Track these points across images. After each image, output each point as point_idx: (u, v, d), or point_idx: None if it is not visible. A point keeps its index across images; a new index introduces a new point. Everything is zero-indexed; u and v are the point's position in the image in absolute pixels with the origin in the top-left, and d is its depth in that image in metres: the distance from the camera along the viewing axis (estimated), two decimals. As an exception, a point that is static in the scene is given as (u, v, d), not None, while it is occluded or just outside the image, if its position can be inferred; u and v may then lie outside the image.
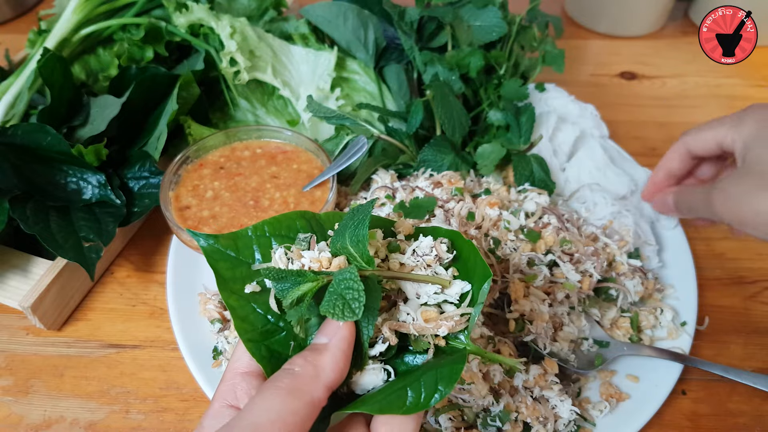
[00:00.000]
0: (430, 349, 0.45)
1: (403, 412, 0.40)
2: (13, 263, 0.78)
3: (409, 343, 0.46)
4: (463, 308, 0.46)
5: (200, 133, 0.93)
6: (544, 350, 0.70)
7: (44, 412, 0.74)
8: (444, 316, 0.45)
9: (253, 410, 0.38)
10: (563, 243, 0.76)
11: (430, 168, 0.87)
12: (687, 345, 0.75)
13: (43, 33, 1.03)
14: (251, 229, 0.50)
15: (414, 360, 0.46)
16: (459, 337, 0.46)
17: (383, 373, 0.44)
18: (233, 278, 0.48)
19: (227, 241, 0.50)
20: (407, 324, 0.45)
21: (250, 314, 0.46)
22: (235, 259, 0.49)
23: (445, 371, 0.42)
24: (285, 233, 0.50)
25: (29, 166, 0.81)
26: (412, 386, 0.42)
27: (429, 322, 0.44)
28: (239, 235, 0.50)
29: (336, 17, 0.99)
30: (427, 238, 0.50)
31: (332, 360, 0.41)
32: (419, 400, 0.41)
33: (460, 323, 0.45)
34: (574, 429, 0.67)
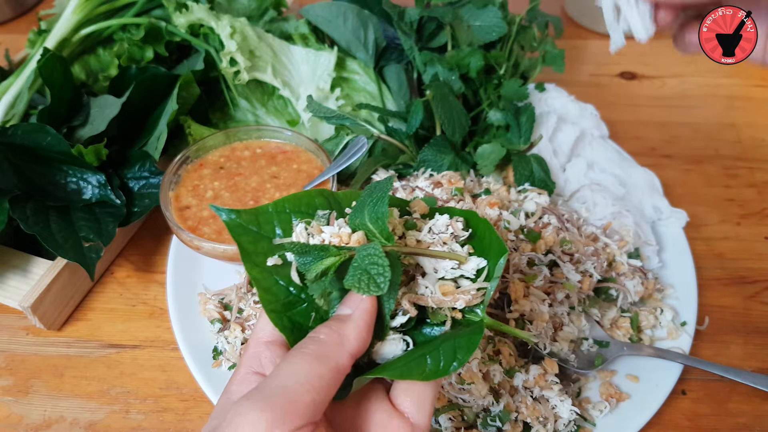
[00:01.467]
0: (447, 321, 0.47)
1: (422, 378, 0.42)
2: (13, 263, 0.78)
3: (426, 316, 0.47)
4: (480, 282, 0.47)
5: (200, 133, 0.93)
6: (544, 350, 0.70)
7: (44, 412, 0.74)
8: (461, 290, 0.47)
9: (280, 374, 0.39)
10: (563, 243, 0.76)
11: (430, 168, 0.87)
12: (687, 345, 0.75)
13: (43, 33, 1.03)
14: (272, 206, 0.51)
15: (432, 331, 0.47)
16: (475, 311, 0.47)
17: (402, 343, 0.46)
18: (255, 251, 0.49)
19: (249, 217, 0.51)
20: (426, 297, 0.46)
21: (272, 286, 0.47)
22: (256, 233, 0.50)
23: (464, 341, 0.44)
24: (304, 210, 0.52)
25: (29, 166, 0.81)
26: (432, 354, 0.43)
27: (447, 295, 0.46)
28: (260, 210, 0.51)
29: (336, 17, 0.99)
30: (443, 216, 0.51)
31: (356, 329, 0.42)
32: (438, 367, 0.42)
33: (476, 297, 0.47)
34: (574, 429, 0.67)
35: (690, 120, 1.16)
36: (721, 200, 1.00)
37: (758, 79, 1.26)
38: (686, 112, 1.19)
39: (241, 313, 0.77)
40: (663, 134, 1.13)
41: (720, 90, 1.24)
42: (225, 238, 0.78)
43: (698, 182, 1.03)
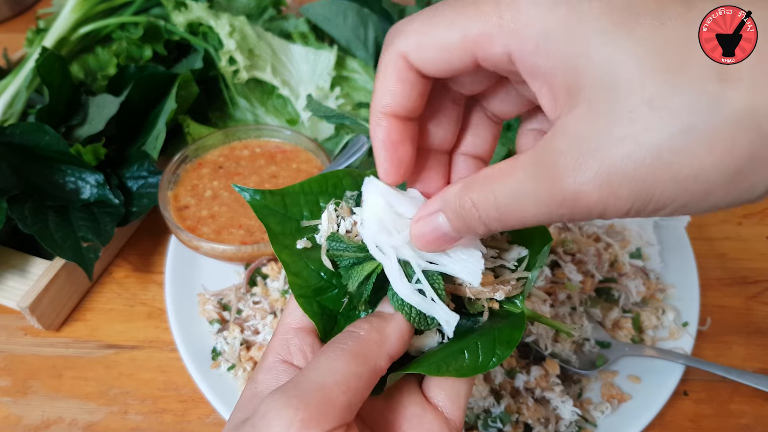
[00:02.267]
0: (485, 312, 0.44)
1: (460, 374, 0.40)
2: (11, 263, 0.78)
3: (463, 306, 0.45)
4: (520, 272, 0.45)
5: (199, 133, 0.93)
6: (546, 351, 0.70)
7: (42, 413, 0.73)
8: (500, 279, 0.44)
9: (319, 369, 0.36)
10: (565, 243, 0.76)
11: (431, 167, 0.86)
12: (689, 345, 0.75)
13: (42, 32, 1.02)
14: (298, 186, 0.50)
15: (468, 322, 0.45)
16: (514, 301, 0.45)
17: (438, 335, 0.44)
18: (283, 233, 0.48)
19: (275, 198, 0.49)
20: (464, 287, 0.43)
21: (303, 270, 0.45)
22: (283, 215, 0.49)
23: (504, 335, 0.42)
24: (332, 191, 0.50)
25: (27, 165, 0.80)
26: (469, 348, 0.41)
27: (486, 285, 0.43)
28: (287, 191, 0.50)
29: (336, 16, 0.99)
30: None
31: (397, 330, 0.40)
32: (477, 362, 0.40)
33: (516, 287, 0.44)
34: (576, 430, 0.67)
35: (691, 119, 1.16)
36: (723, 200, 0.99)
37: (760, 78, 1.26)
38: (687, 111, 1.19)
39: (240, 314, 0.77)
40: (664, 133, 1.13)
41: (721, 89, 1.24)
42: (224, 238, 0.77)
43: (700, 182, 1.03)
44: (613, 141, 0.27)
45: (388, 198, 0.42)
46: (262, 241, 0.76)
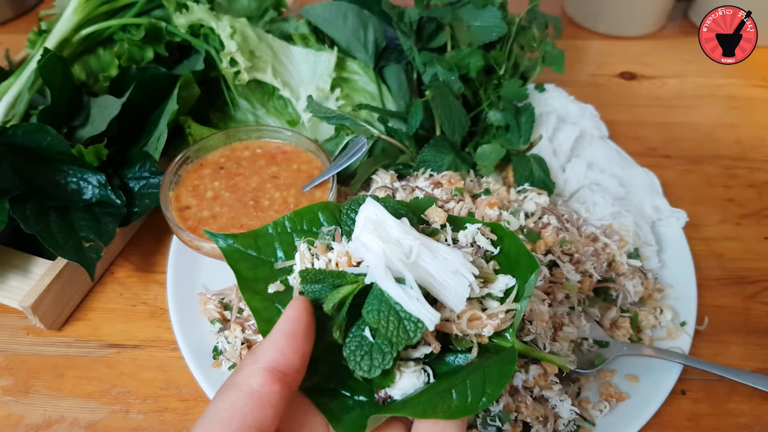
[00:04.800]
0: (474, 348, 0.42)
1: (447, 416, 0.38)
2: (13, 263, 0.79)
3: (450, 342, 0.43)
4: (508, 304, 0.43)
5: (200, 133, 0.93)
6: (544, 350, 0.70)
7: (44, 412, 0.74)
8: (488, 313, 0.42)
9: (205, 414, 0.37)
10: (563, 243, 0.76)
11: (430, 168, 0.87)
12: (687, 345, 0.75)
13: (44, 33, 1.03)
14: (271, 226, 0.48)
15: (456, 360, 0.43)
16: (504, 335, 0.43)
17: (423, 375, 0.41)
18: (255, 278, 0.46)
19: (247, 240, 0.48)
20: (451, 323, 0.42)
21: (274, 316, 0.43)
22: (256, 258, 0.47)
23: (494, 372, 0.39)
24: (308, 227, 0.48)
25: (29, 166, 0.81)
26: (457, 388, 0.39)
27: (473, 321, 0.42)
28: (259, 233, 0.48)
29: (336, 17, 0.99)
30: (472, 227, 0.46)
31: (269, 341, 0.38)
32: (465, 403, 0.38)
33: (505, 321, 0.42)
34: (574, 429, 0.67)
35: (690, 120, 1.16)
36: (721, 200, 1.00)
37: (758, 79, 1.26)
38: (686, 112, 1.19)
39: (241, 313, 0.77)
40: (663, 134, 1.13)
41: (720, 90, 1.24)
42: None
43: (698, 182, 1.03)
44: None
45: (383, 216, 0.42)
46: (262, 241, 0.77)
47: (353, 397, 0.42)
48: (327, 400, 0.41)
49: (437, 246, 0.42)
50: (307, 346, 0.39)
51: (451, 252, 0.42)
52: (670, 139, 1.12)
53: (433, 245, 0.42)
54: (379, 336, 0.39)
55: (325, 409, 0.40)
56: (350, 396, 0.42)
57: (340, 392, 0.42)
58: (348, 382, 0.43)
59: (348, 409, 0.41)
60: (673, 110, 1.19)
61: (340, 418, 0.40)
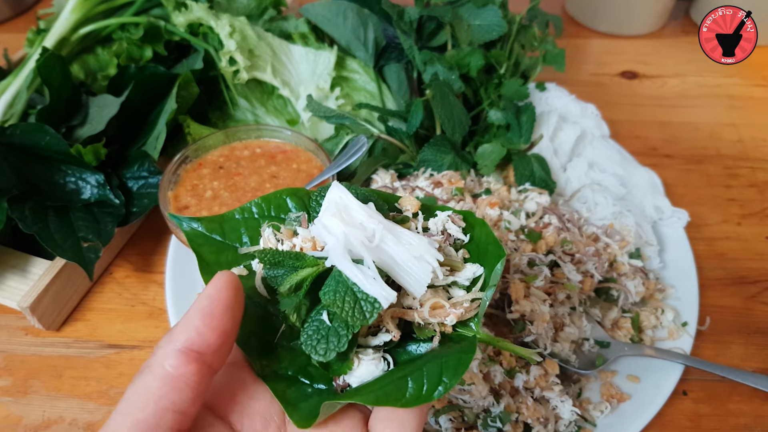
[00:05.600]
0: (435, 336, 0.41)
1: (401, 404, 0.37)
2: (11, 263, 0.78)
3: (412, 330, 0.42)
4: (474, 293, 0.42)
5: (199, 133, 0.93)
6: (545, 351, 0.70)
7: (43, 413, 0.73)
8: (453, 302, 0.41)
9: (122, 400, 0.36)
10: (564, 243, 0.76)
11: (430, 168, 0.86)
12: (688, 345, 0.75)
13: (42, 32, 1.03)
14: (238, 211, 0.47)
15: (417, 349, 0.42)
16: (469, 325, 0.42)
17: (383, 363, 0.40)
18: (218, 262, 0.45)
19: (212, 225, 0.47)
20: (413, 311, 0.41)
21: None
22: (221, 243, 0.46)
23: (452, 361, 0.38)
24: (275, 213, 0.47)
25: (28, 165, 0.81)
26: (414, 376, 0.38)
27: (436, 309, 0.41)
28: (225, 217, 0.47)
29: (335, 16, 0.99)
30: (443, 214, 0.46)
31: (184, 321, 0.37)
32: (420, 392, 0.37)
33: (470, 310, 0.41)
34: (575, 429, 0.67)
35: (691, 119, 1.16)
36: (722, 200, 1.00)
37: (759, 79, 1.26)
38: (687, 111, 1.19)
39: (241, 314, 0.77)
40: (664, 134, 1.13)
41: (720, 90, 1.24)
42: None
43: (699, 182, 1.03)
44: None
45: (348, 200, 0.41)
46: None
47: (312, 384, 0.41)
48: (285, 388, 0.40)
49: (402, 231, 0.41)
50: (228, 323, 0.37)
51: (416, 238, 0.41)
52: (671, 139, 1.12)
53: (397, 230, 0.41)
54: (336, 319, 0.39)
55: (282, 396, 0.39)
56: (309, 384, 0.41)
57: (298, 379, 0.42)
58: (307, 369, 0.42)
59: (306, 396, 0.40)
60: (674, 110, 1.19)
61: (296, 406, 0.39)
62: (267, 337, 0.43)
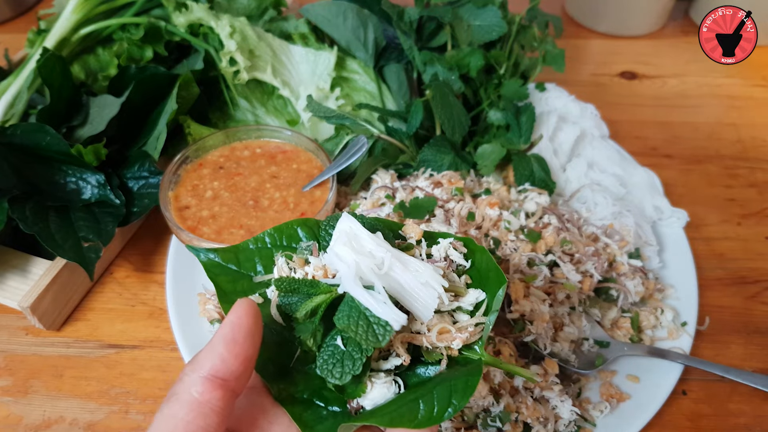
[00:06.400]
0: (443, 360, 0.44)
1: (414, 425, 0.39)
2: (12, 263, 0.78)
3: (420, 354, 0.45)
4: (478, 318, 0.44)
5: (200, 133, 0.93)
6: (545, 350, 0.70)
7: (44, 413, 0.73)
8: (458, 326, 0.44)
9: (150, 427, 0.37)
10: (564, 243, 0.76)
11: (430, 168, 0.86)
12: (687, 345, 0.75)
13: (43, 32, 1.03)
14: (252, 242, 0.50)
15: (426, 371, 0.44)
16: (473, 348, 0.44)
17: (394, 386, 0.43)
18: (234, 291, 0.48)
19: (228, 255, 0.49)
20: (421, 336, 0.43)
21: None
22: (236, 272, 0.49)
23: (460, 383, 0.41)
24: (287, 243, 0.50)
25: (29, 166, 0.81)
26: (425, 398, 0.40)
27: (443, 334, 0.43)
28: (240, 248, 0.50)
29: (336, 16, 0.99)
30: (445, 241, 0.48)
31: (209, 349, 0.39)
32: (432, 413, 0.39)
33: (474, 334, 0.44)
34: (575, 429, 0.67)
35: (690, 119, 1.16)
36: (722, 200, 1.00)
37: (758, 79, 1.26)
38: (687, 111, 1.19)
39: (241, 314, 0.77)
40: (663, 134, 1.13)
41: (720, 90, 1.24)
42: (224, 238, 0.78)
43: (699, 182, 1.03)
44: None
45: (358, 230, 0.43)
46: (262, 241, 0.76)
47: (327, 407, 0.43)
48: (301, 410, 0.42)
49: (409, 259, 0.43)
50: (250, 350, 0.39)
51: (422, 265, 0.43)
52: (670, 139, 1.12)
53: (404, 258, 0.43)
54: (350, 343, 0.41)
55: (299, 419, 0.41)
56: (324, 406, 0.43)
57: (314, 402, 0.44)
58: (322, 392, 0.44)
59: (322, 419, 0.42)
60: (673, 110, 1.19)
61: (313, 428, 0.41)
62: (283, 362, 0.45)
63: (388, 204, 0.80)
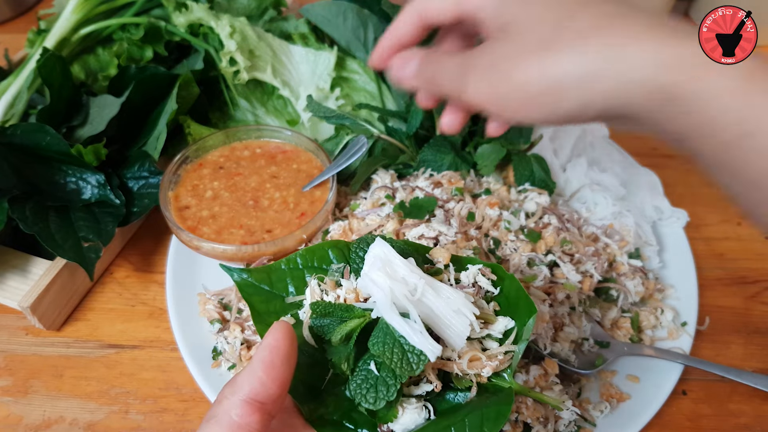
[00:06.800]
0: (473, 387, 0.44)
1: None
2: (12, 263, 0.78)
3: (450, 380, 0.45)
4: (507, 346, 0.45)
5: (200, 133, 0.93)
6: (545, 350, 0.70)
7: (44, 413, 0.73)
8: (488, 354, 0.44)
9: None
10: (564, 243, 0.76)
11: (430, 168, 0.86)
12: (687, 345, 0.75)
13: (43, 32, 1.03)
14: (284, 262, 0.51)
15: (455, 398, 0.45)
16: (502, 375, 0.45)
17: (425, 411, 0.43)
18: (267, 312, 0.48)
19: (261, 275, 0.50)
20: (452, 363, 0.44)
21: None
22: (269, 292, 0.50)
23: (491, 412, 0.41)
24: (318, 264, 0.50)
25: (28, 166, 0.81)
26: (456, 426, 0.41)
27: (474, 361, 0.44)
28: (272, 268, 0.51)
29: (335, 16, 0.99)
30: (474, 267, 0.48)
31: (248, 372, 0.39)
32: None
33: (504, 362, 0.44)
34: (575, 429, 0.67)
35: (690, 120, 1.16)
36: (722, 200, 1.00)
37: (759, 79, 1.26)
38: (687, 111, 1.19)
39: (241, 314, 0.77)
40: (663, 134, 1.13)
41: (720, 90, 1.24)
42: (224, 238, 0.78)
43: (699, 182, 1.03)
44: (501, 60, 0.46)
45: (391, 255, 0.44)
46: (262, 241, 0.76)
47: (357, 429, 0.44)
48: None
49: (441, 286, 0.44)
50: (287, 373, 0.40)
51: (453, 292, 0.44)
52: (670, 139, 1.12)
53: (436, 285, 0.44)
54: (384, 369, 0.41)
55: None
56: (354, 428, 0.44)
57: (344, 425, 0.44)
58: (352, 414, 0.44)
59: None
60: (673, 110, 1.19)
61: None
62: (314, 383, 0.45)
63: (388, 204, 0.80)
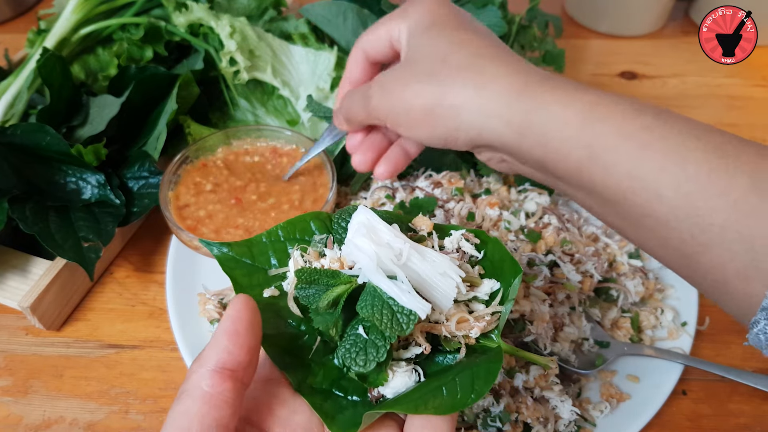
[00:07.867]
0: (461, 348, 0.44)
1: (439, 411, 0.39)
2: (12, 263, 0.78)
3: (438, 343, 0.45)
4: (494, 306, 0.45)
5: (200, 133, 0.93)
6: (545, 350, 0.70)
7: (43, 413, 0.74)
8: (475, 315, 0.44)
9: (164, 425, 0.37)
10: (564, 243, 0.76)
11: (430, 168, 0.86)
12: (687, 345, 0.75)
13: (43, 32, 1.03)
14: (265, 235, 0.50)
15: (444, 360, 0.45)
16: (490, 336, 0.45)
17: (414, 374, 0.44)
18: (251, 285, 0.48)
19: (241, 249, 0.50)
20: (440, 325, 0.44)
21: (270, 319, 0.45)
22: (251, 266, 0.49)
23: (482, 370, 0.41)
24: (300, 236, 0.50)
25: (28, 166, 0.81)
26: (448, 386, 0.41)
27: (462, 323, 0.44)
28: (253, 242, 0.50)
29: (336, 16, 0.99)
30: (457, 233, 0.49)
31: (213, 343, 0.39)
32: (455, 399, 0.40)
33: (491, 322, 0.44)
34: (575, 429, 0.67)
35: (690, 120, 1.16)
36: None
37: (758, 79, 1.26)
38: (687, 112, 1.19)
39: (241, 314, 0.77)
40: (663, 134, 1.13)
41: (720, 90, 1.24)
42: (224, 237, 0.78)
43: (699, 182, 1.03)
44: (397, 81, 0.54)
45: (375, 222, 0.44)
46: (262, 241, 0.76)
47: (347, 397, 0.44)
48: (321, 401, 0.43)
49: (426, 250, 0.44)
50: (252, 341, 0.40)
51: (439, 256, 0.44)
52: (670, 139, 1.11)
53: (421, 249, 0.44)
54: (373, 331, 0.42)
55: (320, 408, 0.42)
56: (344, 396, 0.44)
57: (333, 393, 0.44)
58: (341, 382, 0.45)
59: (342, 408, 0.43)
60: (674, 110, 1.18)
61: (334, 417, 0.41)
62: (300, 353, 0.45)
63: (388, 204, 0.80)
